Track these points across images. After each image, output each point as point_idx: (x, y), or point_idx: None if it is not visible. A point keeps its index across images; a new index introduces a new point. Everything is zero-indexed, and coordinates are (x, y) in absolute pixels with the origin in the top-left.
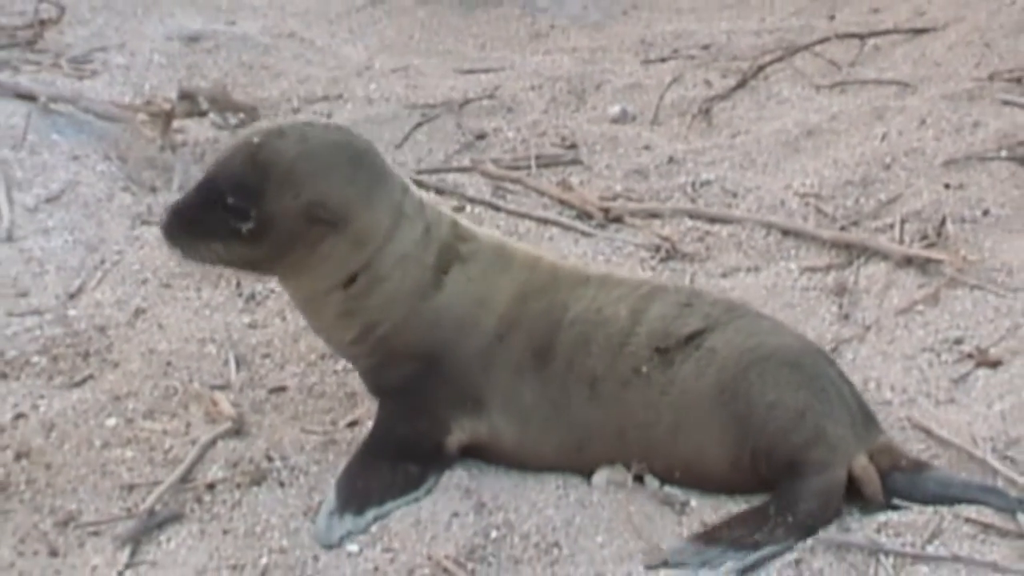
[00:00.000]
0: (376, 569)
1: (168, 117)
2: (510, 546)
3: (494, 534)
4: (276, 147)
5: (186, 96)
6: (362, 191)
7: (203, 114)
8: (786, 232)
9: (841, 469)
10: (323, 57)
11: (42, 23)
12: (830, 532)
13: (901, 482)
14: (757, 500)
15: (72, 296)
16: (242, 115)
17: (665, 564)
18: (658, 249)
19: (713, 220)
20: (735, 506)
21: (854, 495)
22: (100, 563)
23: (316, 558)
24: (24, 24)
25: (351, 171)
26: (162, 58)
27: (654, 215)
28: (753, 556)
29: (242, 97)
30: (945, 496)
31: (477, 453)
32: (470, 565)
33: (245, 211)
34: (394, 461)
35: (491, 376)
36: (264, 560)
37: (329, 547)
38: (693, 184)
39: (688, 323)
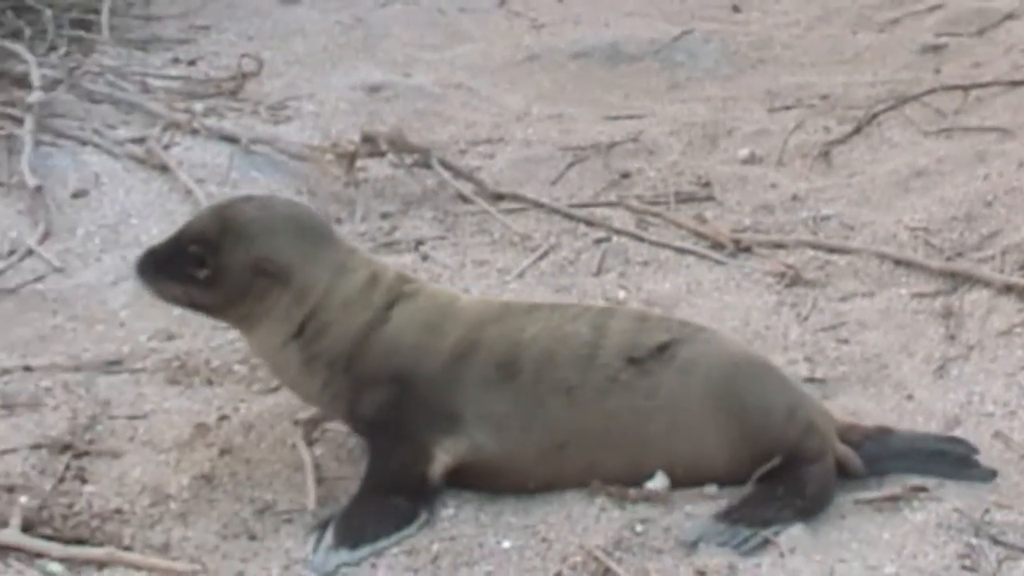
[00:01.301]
0: (535, 554)
1: (352, 157)
2: (652, 538)
3: (639, 527)
4: (239, 208)
5: (367, 139)
6: (305, 251)
7: (382, 155)
8: (898, 262)
9: (831, 456)
10: (487, 105)
11: (244, 75)
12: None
13: (873, 450)
14: None
15: None
16: (416, 156)
17: (697, 541)
18: (783, 276)
19: (832, 250)
20: None
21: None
22: (292, 546)
23: (481, 545)
24: (228, 76)
25: (297, 235)
26: (347, 106)
27: (779, 246)
28: (768, 531)
29: (416, 140)
30: (914, 452)
31: (465, 480)
32: (617, 554)
33: (202, 259)
34: (385, 498)
35: (458, 392)
36: (436, 546)
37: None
38: (814, 218)
39: (653, 336)
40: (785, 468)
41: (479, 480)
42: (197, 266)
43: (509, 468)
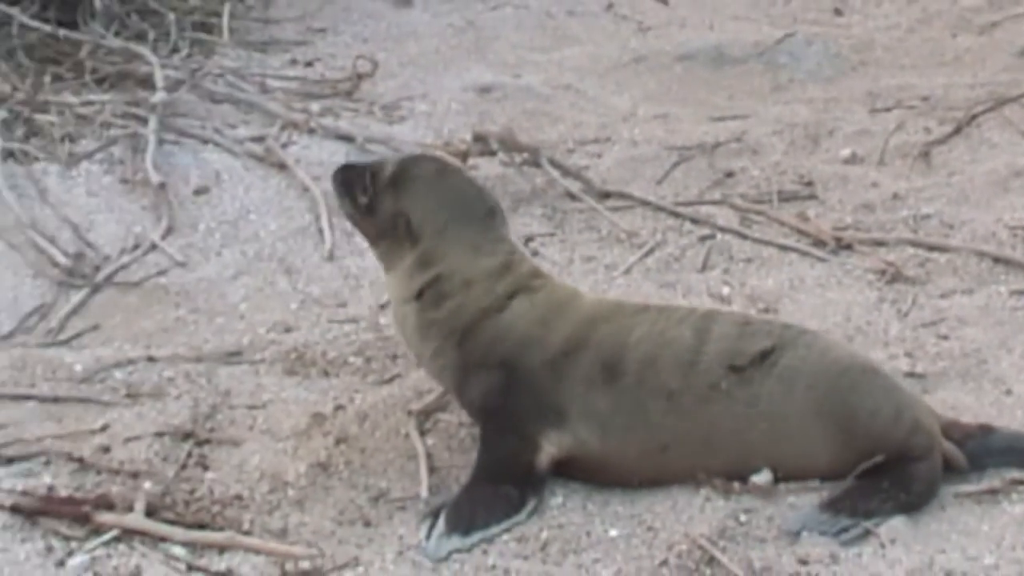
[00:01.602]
0: (642, 542)
1: (464, 156)
2: (756, 528)
3: (742, 517)
4: (417, 161)
5: (479, 138)
6: (445, 223)
7: (493, 153)
8: (997, 259)
9: (937, 452)
10: (594, 106)
11: (359, 76)
12: None
13: (974, 448)
14: None
15: (383, 307)
16: (526, 154)
17: (800, 531)
18: (883, 273)
19: (932, 248)
20: None
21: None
22: (405, 533)
23: (589, 533)
24: (344, 78)
25: (446, 206)
26: (459, 106)
27: (880, 243)
28: (869, 522)
29: (525, 139)
30: (1014, 449)
31: (570, 472)
32: (721, 543)
33: (366, 188)
34: (495, 486)
35: (563, 387)
36: (544, 534)
37: (437, 562)
38: (914, 217)
39: (755, 342)
40: (891, 464)
41: (583, 473)
42: (362, 192)
43: (612, 465)
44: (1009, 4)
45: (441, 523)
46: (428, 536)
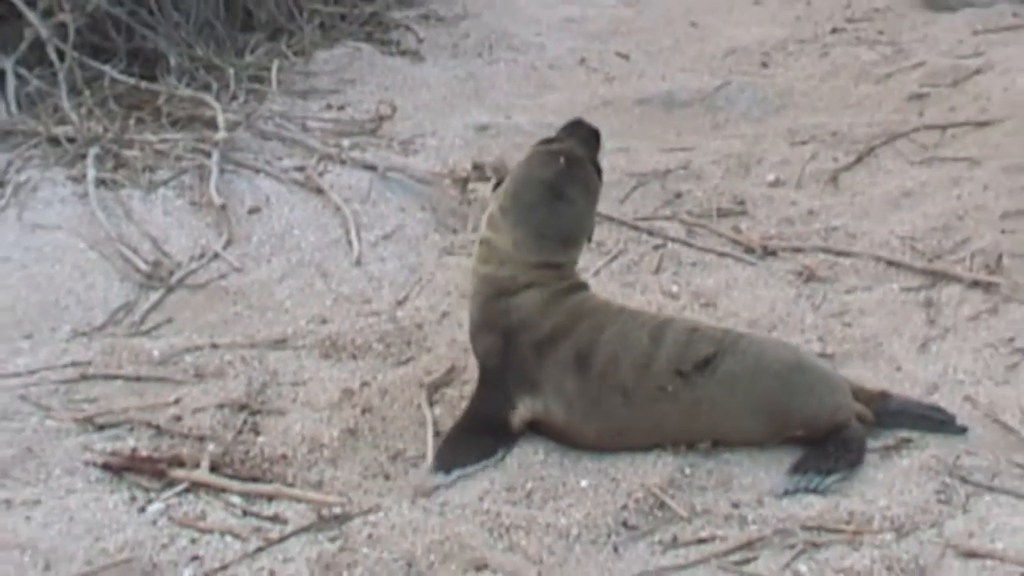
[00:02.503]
0: (607, 491)
1: (464, 181)
2: (698, 479)
3: (687, 471)
4: (538, 156)
5: (477, 167)
6: (508, 203)
7: (488, 179)
8: (890, 263)
9: (856, 420)
10: None
11: (381, 118)
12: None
13: (874, 410)
14: None
15: (400, 303)
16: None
17: (785, 493)
18: (800, 274)
19: (839, 254)
20: None
21: None
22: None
23: (564, 484)
24: (369, 119)
25: (520, 195)
26: (461, 141)
27: (798, 250)
28: (834, 477)
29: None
30: (904, 414)
31: (538, 430)
32: (670, 491)
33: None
34: (475, 434)
35: (543, 366)
36: (529, 484)
37: (424, 495)
38: (825, 229)
39: (699, 348)
40: (826, 437)
41: (552, 436)
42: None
43: (574, 435)
44: (900, 60)
45: (430, 461)
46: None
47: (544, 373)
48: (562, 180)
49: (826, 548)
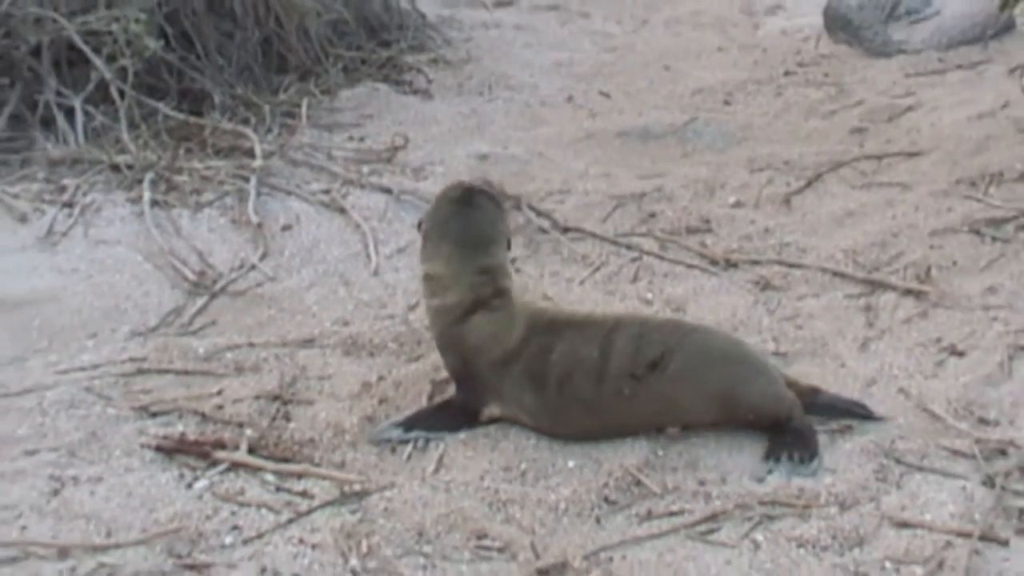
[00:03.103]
0: (590, 471)
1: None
2: (669, 460)
3: (660, 452)
4: (453, 189)
5: None
6: (436, 237)
7: None
8: (835, 273)
9: (797, 409)
10: (558, 168)
11: (395, 148)
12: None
13: (806, 403)
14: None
15: (411, 308)
16: (511, 201)
17: (769, 474)
18: (758, 283)
19: (791, 266)
20: None
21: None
22: (425, 464)
23: (554, 464)
24: (385, 149)
25: (442, 226)
26: (465, 168)
27: (756, 263)
28: (815, 463)
29: (511, 191)
30: (833, 408)
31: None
32: (645, 470)
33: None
34: (447, 414)
35: (503, 385)
36: (523, 465)
37: (376, 443)
38: (779, 244)
39: (649, 351)
40: (770, 426)
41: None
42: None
43: (546, 434)
44: (842, 99)
45: (397, 418)
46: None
47: (505, 391)
48: (468, 195)
49: (780, 520)
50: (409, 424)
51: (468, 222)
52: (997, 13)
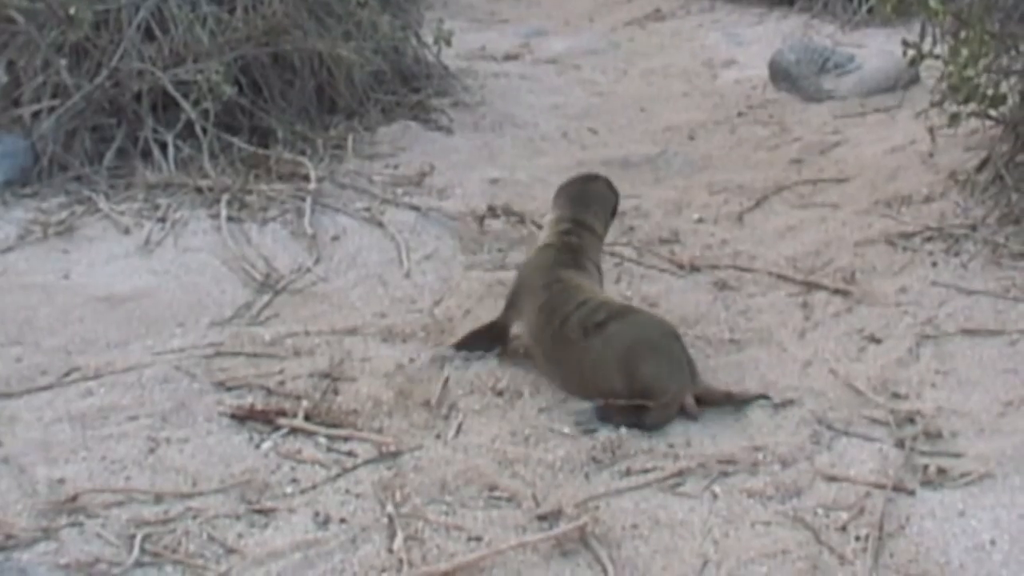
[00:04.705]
0: (581, 436)
1: (482, 218)
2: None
3: (623, 431)
4: (580, 176)
5: (491, 208)
6: (556, 200)
7: (497, 217)
8: (779, 276)
9: (675, 401)
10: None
11: (423, 174)
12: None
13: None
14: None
15: (436, 304)
16: (517, 217)
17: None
18: (717, 284)
19: (744, 270)
20: None
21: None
22: (444, 429)
23: (552, 431)
24: (416, 174)
25: (562, 194)
26: (479, 190)
27: (715, 267)
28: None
29: (517, 208)
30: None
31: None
32: (626, 436)
33: None
34: (485, 334)
35: (527, 311)
36: (527, 431)
37: (438, 361)
38: (734, 252)
39: (597, 315)
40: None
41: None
42: None
43: (531, 356)
44: (784, 136)
45: (451, 344)
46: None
47: (525, 312)
48: (590, 175)
49: (733, 475)
50: (462, 345)
51: (582, 187)
52: (907, 68)
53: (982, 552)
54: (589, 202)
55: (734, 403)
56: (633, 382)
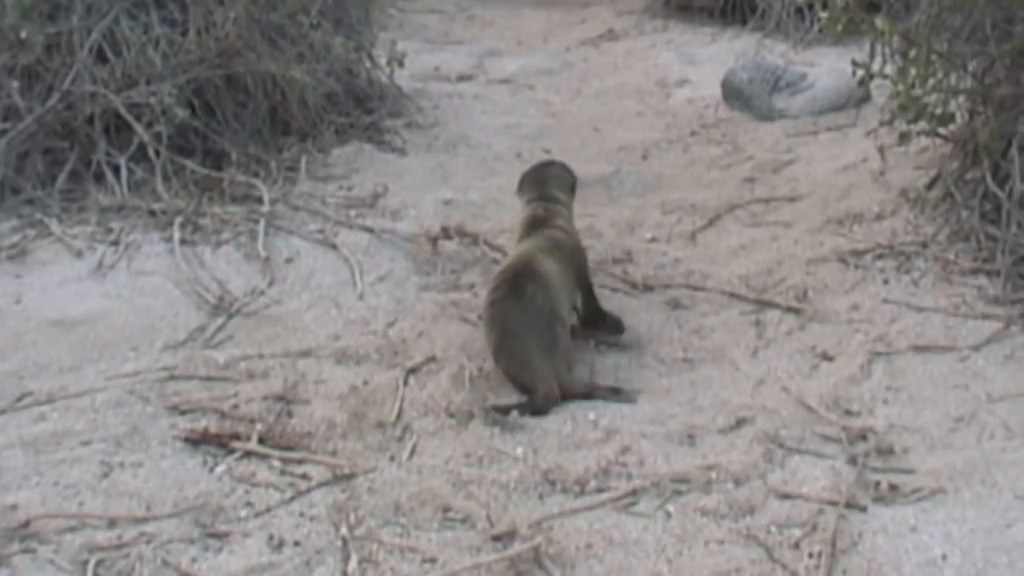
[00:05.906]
0: (533, 457)
1: (435, 240)
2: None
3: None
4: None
5: (444, 229)
6: (522, 182)
7: (450, 238)
8: (731, 295)
9: (549, 398)
10: (508, 210)
11: (377, 195)
12: None
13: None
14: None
15: (390, 325)
16: (469, 238)
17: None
18: (669, 303)
19: (696, 289)
20: None
21: None
22: (396, 452)
23: (504, 452)
24: (369, 195)
25: (528, 177)
26: (432, 211)
27: (668, 286)
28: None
29: (470, 229)
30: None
31: None
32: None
33: None
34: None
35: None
36: (481, 452)
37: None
38: (687, 271)
39: (495, 293)
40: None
41: None
42: None
43: None
44: (737, 154)
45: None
46: None
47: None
48: (547, 161)
49: (687, 494)
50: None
51: (541, 170)
52: (857, 87)
53: (934, 567)
54: (549, 180)
55: (592, 397)
56: (508, 367)
